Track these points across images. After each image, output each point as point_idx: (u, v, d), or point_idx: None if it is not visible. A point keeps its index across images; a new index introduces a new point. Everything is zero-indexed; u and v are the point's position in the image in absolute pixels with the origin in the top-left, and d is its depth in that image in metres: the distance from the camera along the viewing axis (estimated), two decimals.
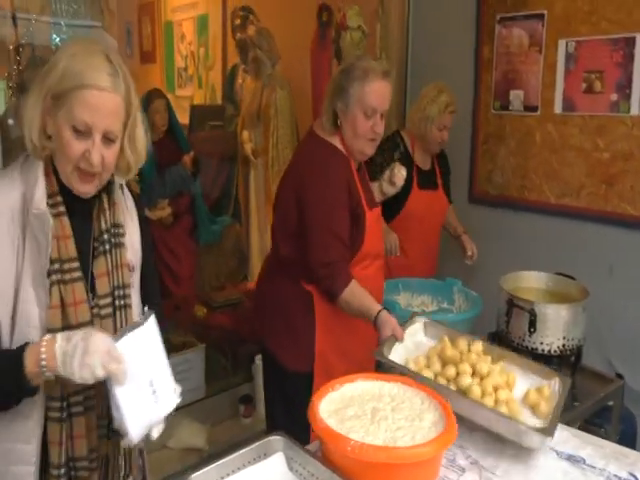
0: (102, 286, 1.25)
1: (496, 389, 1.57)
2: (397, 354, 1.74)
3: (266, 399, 2.35)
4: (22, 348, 1.13)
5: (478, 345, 1.73)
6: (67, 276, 1.21)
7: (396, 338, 1.74)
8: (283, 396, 2.23)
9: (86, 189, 1.24)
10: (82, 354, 1.06)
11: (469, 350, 1.71)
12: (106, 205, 1.31)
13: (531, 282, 2.36)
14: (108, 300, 1.28)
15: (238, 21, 4.73)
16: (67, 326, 1.19)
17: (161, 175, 3.52)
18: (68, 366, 1.07)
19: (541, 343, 2.07)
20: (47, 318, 1.18)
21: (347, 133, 2.09)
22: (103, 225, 1.29)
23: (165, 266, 3.54)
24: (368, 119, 2.05)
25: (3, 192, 1.21)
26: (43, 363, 1.08)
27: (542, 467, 1.43)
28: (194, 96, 5.43)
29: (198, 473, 1.23)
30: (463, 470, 1.41)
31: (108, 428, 1.28)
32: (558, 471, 1.41)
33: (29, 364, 1.09)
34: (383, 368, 1.65)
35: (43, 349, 1.09)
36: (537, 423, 1.50)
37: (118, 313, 1.29)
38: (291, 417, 2.01)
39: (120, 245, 1.30)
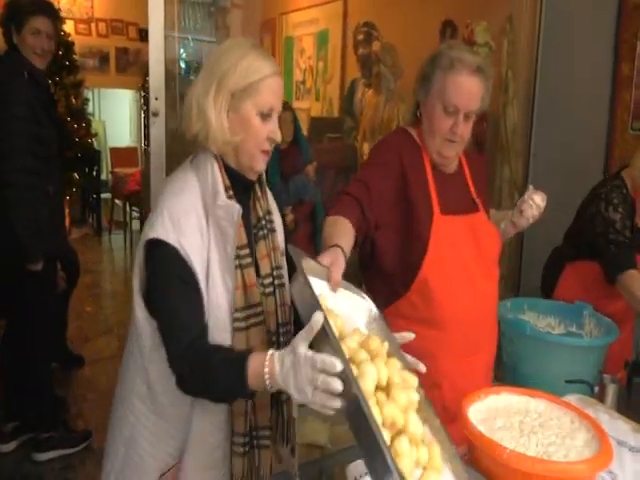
0: (265, 267, 1.37)
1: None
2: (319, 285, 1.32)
3: None
4: (244, 358, 1.16)
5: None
6: (243, 261, 1.33)
7: (328, 279, 1.29)
8: None
9: (263, 167, 1.40)
10: (294, 383, 1.07)
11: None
12: (259, 194, 1.42)
13: None
14: (269, 280, 1.40)
15: (361, 36, 4.83)
16: (247, 306, 1.32)
17: (285, 183, 3.67)
18: (289, 390, 1.09)
19: None
20: (234, 300, 1.30)
21: (425, 127, 1.84)
22: (260, 212, 1.43)
23: None
24: (448, 116, 1.76)
25: (186, 191, 1.32)
26: (268, 383, 1.12)
27: None
28: (311, 108, 5.59)
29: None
30: None
31: (272, 400, 1.42)
32: None
33: (251, 377, 1.14)
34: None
35: (267, 369, 1.11)
36: None
37: (277, 291, 1.41)
38: None
39: (273, 230, 1.43)
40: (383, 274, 1.85)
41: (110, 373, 3.60)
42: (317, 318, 1.06)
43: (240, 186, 1.38)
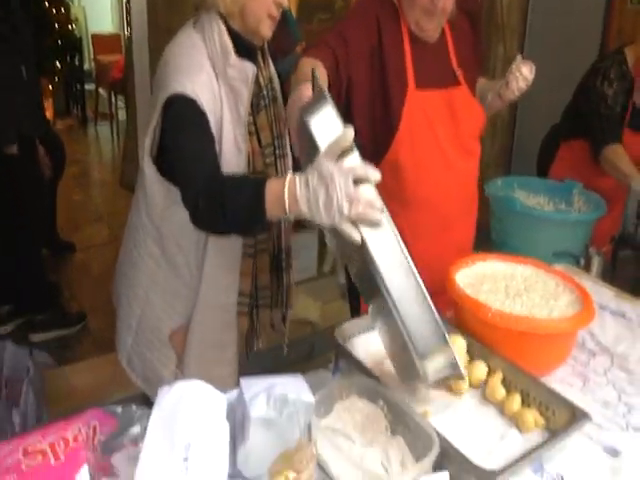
0: (266, 137, 1.33)
1: None
2: None
3: None
4: (263, 180, 1.09)
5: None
6: (248, 128, 1.32)
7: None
8: None
9: (269, 33, 1.35)
10: (325, 200, 0.98)
11: None
12: (262, 64, 1.36)
13: None
14: (270, 150, 1.38)
15: None
16: (251, 173, 1.32)
17: (275, 64, 3.52)
18: (315, 212, 1.00)
19: None
20: (245, 163, 1.30)
21: None
22: (262, 81, 1.36)
23: None
24: None
25: (192, 52, 1.27)
26: (287, 207, 1.03)
27: None
28: None
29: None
30: (594, 354, 1.43)
31: (272, 266, 1.44)
32: None
33: (269, 200, 1.06)
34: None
35: (286, 192, 1.02)
36: None
37: (279, 161, 1.40)
38: None
39: (275, 99, 1.37)
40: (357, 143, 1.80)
41: (102, 259, 3.63)
42: (348, 132, 0.99)
43: (244, 50, 1.32)
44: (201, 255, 1.33)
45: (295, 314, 2.90)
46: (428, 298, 1.02)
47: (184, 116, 1.22)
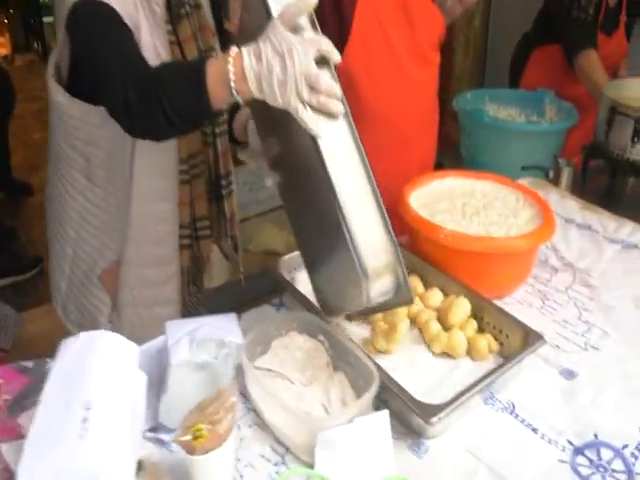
0: (190, 49, 1.17)
1: None
2: None
3: None
4: (202, 61, 0.93)
5: None
6: (168, 38, 1.15)
7: None
8: None
9: None
10: (281, 77, 0.83)
11: None
12: None
13: (637, 91, 2.13)
14: None
15: None
16: None
17: None
18: (267, 91, 0.85)
19: None
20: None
21: None
22: None
23: None
24: None
25: None
26: (233, 85, 0.86)
27: None
28: None
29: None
30: (556, 270, 1.35)
31: (211, 194, 1.33)
32: None
33: (212, 81, 0.90)
34: None
35: (231, 68, 0.86)
36: None
37: None
38: None
39: (199, 6, 1.20)
40: None
41: None
42: None
43: None
44: (128, 181, 1.20)
45: (260, 245, 2.83)
46: (383, 207, 0.91)
47: (94, 17, 1.04)
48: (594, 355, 1.09)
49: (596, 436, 0.90)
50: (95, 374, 0.76)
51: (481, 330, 1.10)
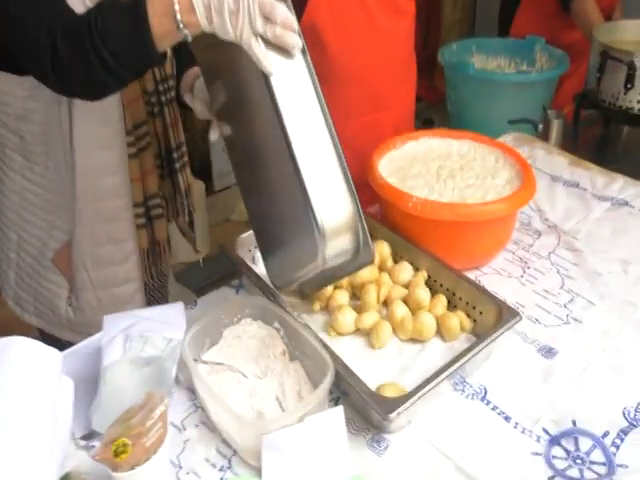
0: None
1: None
2: None
3: None
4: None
5: None
6: None
7: None
8: None
9: None
10: (233, 4, 0.75)
11: None
12: None
13: (630, 34, 1.99)
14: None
15: None
16: None
17: None
18: (217, 22, 0.76)
19: (638, 102, 1.78)
20: None
21: None
22: None
23: None
24: None
25: None
26: (179, 17, 0.78)
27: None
28: None
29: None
30: (539, 234, 1.26)
31: (162, 170, 1.24)
32: None
33: (155, 20, 0.80)
34: None
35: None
36: None
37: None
38: None
39: None
40: None
41: None
42: None
43: None
44: (69, 155, 1.10)
45: (243, 214, 2.73)
46: (342, 156, 0.82)
47: None
48: (576, 329, 1.00)
49: (574, 423, 0.82)
50: (4, 384, 0.68)
51: (454, 307, 1.01)
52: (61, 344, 1.23)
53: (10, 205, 1.19)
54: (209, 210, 2.49)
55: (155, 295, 1.37)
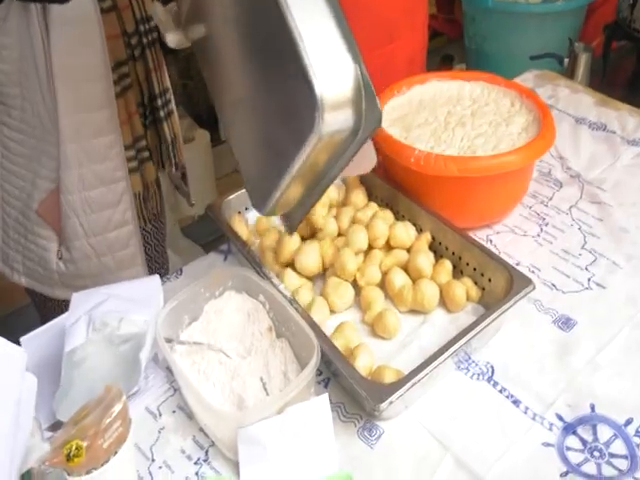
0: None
1: None
2: None
3: None
4: None
5: None
6: None
7: None
8: None
9: None
10: None
11: None
12: None
13: None
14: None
15: None
16: None
17: None
18: None
19: None
20: None
21: None
22: None
23: None
24: None
25: None
26: None
27: None
28: None
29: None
30: (560, 185, 1.14)
31: (145, 118, 1.16)
32: None
33: None
34: None
35: None
36: None
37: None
38: None
39: None
40: None
41: None
42: None
43: None
44: (49, 91, 1.01)
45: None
46: (342, 19, 0.64)
47: None
48: (599, 295, 0.89)
49: (593, 408, 0.73)
50: None
51: (460, 273, 0.91)
52: (53, 303, 1.19)
53: None
54: (215, 161, 2.39)
55: (152, 242, 1.29)
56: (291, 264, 0.93)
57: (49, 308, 1.21)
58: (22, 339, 0.84)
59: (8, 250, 1.19)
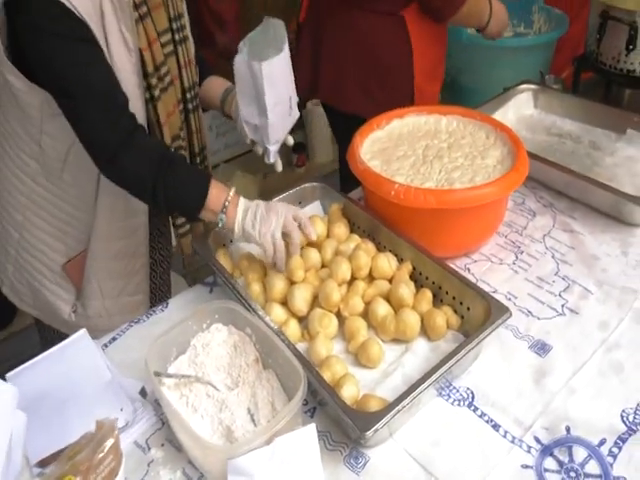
0: (160, 20, 1.03)
1: None
2: None
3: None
4: (207, 178, 0.99)
5: None
6: (140, 10, 0.99)
7: None
8: None
9: None
10: (261, 224, 0.97)
11: None
12: None
13: None
14: (168, 36, 1.06)
15: None
16: (155, 69, 1.04)
17: None
18: (247, 233, 0.98)
19: None
20: (139, 62, 1.00)
21: None
22: None
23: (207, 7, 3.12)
24: None
25: None
26: (222, 217, 0.98)
27: None
28: None
29: None
30: (534, 214, 1.18)
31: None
32: None
33: (209, 204, 0.98)
34: None
35: (228, 205, 0.97)
36: None
37: (180, 48, 1.09)
38: None
39: None
40: None
41: None
42: None
43: None
44: (95, 182, 1.07)
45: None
46: None
47: (52, 21, 0.89)
48: (572, 320, 0.93)
49: (568, 430, 0.76)
50: None
51: (440, 302, 0.95)
52: (56, 334, 1.23)
53: (16, 205, 1.13)
54: None
55: (157, 270, 1.35)
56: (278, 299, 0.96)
57: (53, 334, 1.26)
58: (8, 375, 0.85)
59: (17, 284, 1.23)
